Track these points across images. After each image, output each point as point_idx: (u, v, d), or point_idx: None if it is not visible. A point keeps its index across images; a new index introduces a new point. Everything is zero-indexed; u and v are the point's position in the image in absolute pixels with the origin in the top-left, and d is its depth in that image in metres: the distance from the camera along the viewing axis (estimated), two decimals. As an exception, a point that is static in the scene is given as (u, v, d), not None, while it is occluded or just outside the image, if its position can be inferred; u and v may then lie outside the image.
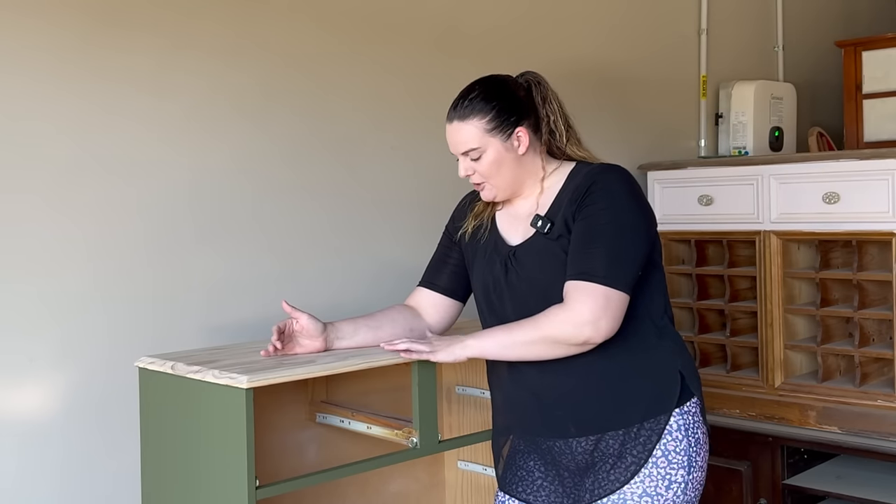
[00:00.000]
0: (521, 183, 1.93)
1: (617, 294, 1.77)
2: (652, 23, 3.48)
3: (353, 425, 2.17)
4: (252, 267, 2.42)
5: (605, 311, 1.76)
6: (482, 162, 1.89)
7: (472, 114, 1.88)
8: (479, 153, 1.89)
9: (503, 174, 1.90)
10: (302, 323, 1.97)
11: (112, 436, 2.17)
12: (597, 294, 1.76)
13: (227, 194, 2.38)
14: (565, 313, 1.78)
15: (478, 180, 1.92)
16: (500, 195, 1.94)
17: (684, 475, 1.83)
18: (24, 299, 2.07)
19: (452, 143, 1.91)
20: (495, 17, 2.95)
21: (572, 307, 1.77)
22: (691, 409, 1.87)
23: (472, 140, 1.88)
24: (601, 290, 1.76)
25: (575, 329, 1.76)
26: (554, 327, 1.79)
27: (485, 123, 1.87)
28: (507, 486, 1.98)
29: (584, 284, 1.77)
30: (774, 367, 2.96)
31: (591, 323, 1.76)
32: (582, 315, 1.76)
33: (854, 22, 4.45)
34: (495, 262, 1.94)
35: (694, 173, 3.14)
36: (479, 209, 2.02)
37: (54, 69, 2.11)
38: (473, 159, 1.89)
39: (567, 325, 1.77)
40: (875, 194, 2.73)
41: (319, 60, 2.55)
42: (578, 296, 1.77)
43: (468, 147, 1.89)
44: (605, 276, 1.76)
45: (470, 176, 1.92)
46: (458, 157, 1.92)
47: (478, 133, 1.87)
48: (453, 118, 1.90)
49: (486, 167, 1.89)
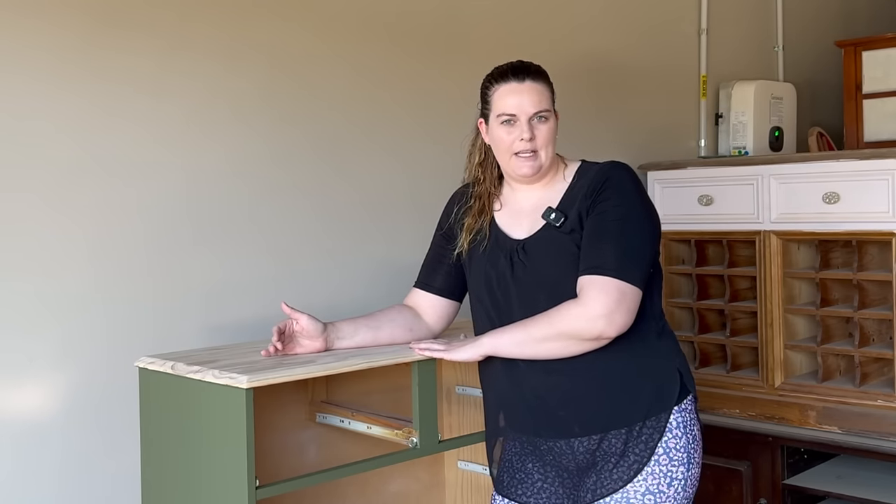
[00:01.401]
0: (550, 165, 1.93)
1: (630, 288, 1.78)
2: (652, 22, 3.48)
3: (353, 425, 2.17)
4: (251, 267, 2.42)
5: (618, 305, 1.76)
6: (544, 127, 1.90)
7: (544, 80, 1.92)
8: (548, 115, 1.90)
9: (551, 147, 1.92)
10: (302, 324, 1.97)
11: (112, 436, 2.17)
12: (610, 288, 1.76)
13: (225, 196, 2.38)
14: (579, 308, 1.78)
15: (533, 147, 1.89)
16: (542, 168, 1.92)
17: (684, 472, 1.84)
18: (25, 299, 2.07)
19: (528, 102, 1.89)
20: (492, 17, 2.95)
21: (585, 302, 1.77)
22: (688, 406, 1.88)
23: (546, 101, 1.91)
24: (614, 283, 1.77)
25: (589, 323, 1.77)
26: (568, 322, 1.79)
27: (551, 93, 1.92)
28: (504, 490, 1.97)
29: (597, 279, 1.78)
30: (774, 367, 2.96)
31: (605, 316, 1.76)
32: (595, 309, 1.76)
33: (854, 22, 4.45)
34: (499, 256, 1.93)
35: (694, 173, 3.14)
36: (470, 224, 2.00)
37: (54, 69, 2.11)
38: (543, 118, 1.89)
39: (581, 320, 1.77)
40: (875, 194, 2.73)
41: (316, 63, 2.55)
42: (591, 290, 1.77)
43: (544, 107, 1.90)
44: (617, 270, 1.77)
45: (530, 140, 1.88)
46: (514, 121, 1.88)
47: (550, 96, 1.92)
48: (525, 78, 1.90)
49: (546, 133, 1.90)
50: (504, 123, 1.90)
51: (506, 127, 1.90)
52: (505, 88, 1.90)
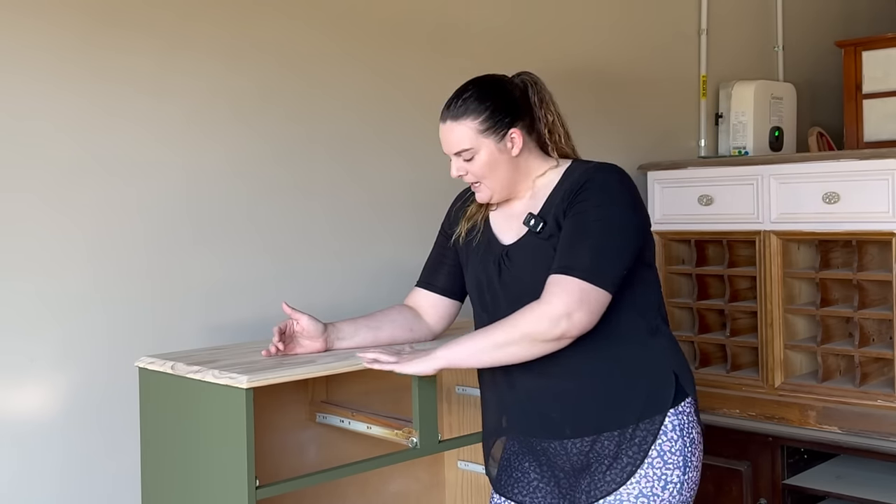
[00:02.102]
0: (515, 184, 1.91)
1: (595, 290, 1.75)
2: (652, 23, 3.48)
3: (353, 425, 2.17)
4: (251, 267, 2.42)
5: (579, 304, 1.73)
6: (475, 163, 1.87)
7: (465, 114, 1.86)
8: (471, 154, 1.87)
9: (497, 175, 1.88)
10: (302, 324, 1.97)
11: (112, 436, 2.17)
12: (572, 288, 1.74)
13: (226, 195, 2.38)
14: (540, 308, 1.75)
15: (471, 180, 1.91)
16: (496, 196, 1.92)
17: (680, 475, 1.82)
18: (25, 299, 2.07)
19: (445, 143, 1.89)
20: (494, 17, 2.95)
21: (547, 300, 1.75)
22: (686, 408, 1.86)
23: (465, 140, 1.86)
24: (577, 283, 1.74)
25: (550, 323, 1.74)
26: (528, 324, 1.76)
27: (478, 124, 1.85)
28: (502, 489, 1.97)
29: (561, 278, 1.75)
30: (774, 367, 2.96)
31: (566, 316, 1.73)
32: (556, 308, 1.73)
33: (854, 22, 4.46)
34: (488, 261, 1.93)
35: (694, 173, 3.14)
36: (471, 212, 2.00)
37: (54, 69, 2.11)
38: (466, 160, 1.88)
39: (543, 320, 1.74)
40: (875, 194, 2.73)
41: (317, 62, 2.55)
42: (553, 289, 1.75)
43: (461, 147, 1.87)
44: (585, 271, 1.74)
45: (463, 176, 1.90)
46: (451, 158, 1.91)
47: (471, 133, 1.86)
48: (446, 118, 1.88)
49: (479, 168, 1.88)
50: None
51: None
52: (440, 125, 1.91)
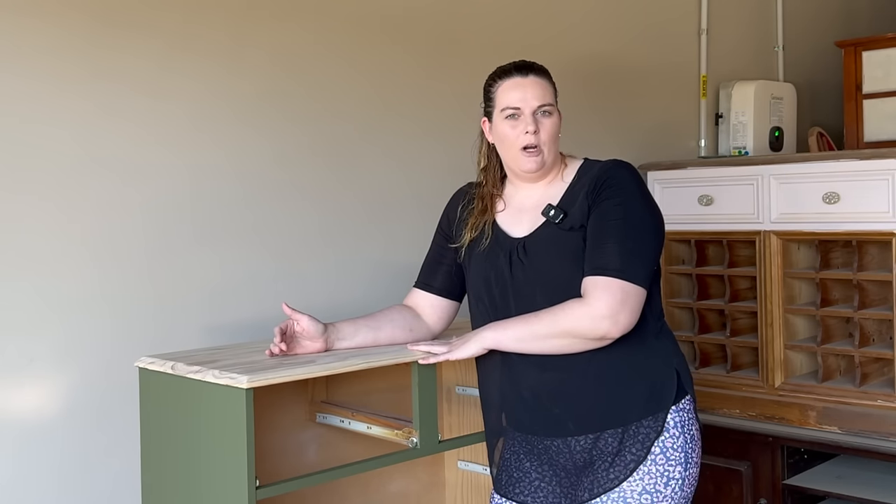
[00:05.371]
0: (553, 162, 1.94)
1: (634, 288, 1.78)
2: (652, 22, 3.48)
3: (353, 425, 2.17)
4: (251, 268, 2.42)
5: (623, 306, 1.77)
6: (548, 122, 1.91)
7: (548, 77, 1.94)
8: (551, 110, 1.92)
9: (555, 144, 1.94)
10: (303, 325, 1.97)
11: (112, 436, 2.18)
12: (613, 288, 1.77)
13: (225, 195, 2.38)
14: (583, 308, 1.79)
15: (536, 142, 1.91)
16: (546, 164, 1.93)
17: (681, 471, 1.84)
18: (25, 299, 2.07)
19: (529, 97, 1.91)
20: (492, 19, 2.95)
21: (590, 302, 1.78)
22: (686, 406, 1.88)
23: (550, 96, 1.93)
24: (617, 283, 1.77)
25: (593, 323, 1.78)
26: (572, 321, 1.79)
27: (554, 90, 1.95)
28: (502, 489, 1.97)
29: (601, 279, 1.78)
30: (774, 367, 2.96)
31: (610, 317, 1.77)
32: (600, 310, 1.77)
33: (854, 22, 4.46)
34: (498, 255, 1.93)
35: (694, 173, 3.14)
36: (474, 220, 2.00)
37: (55, 69, 2.11)
38: (546, 114, 1.91)
39: (585, 320, 1.78)
40: (875, 194, 2.72)
41: (316, 63, 2.55)
42: (595, 291, 1.78)
43: (547, 101, 1.92)
44: (620, 270, 1.78)
45: (535, 133, 1.90)
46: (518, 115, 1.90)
47: (552, 93, 1.94)
48: (529, 73, 1.93)
49: (550, 127, 1.92)
50: (508, 118, 1.92)
51: (510, 122, 1.92)
52: (509, 83, 1.92)
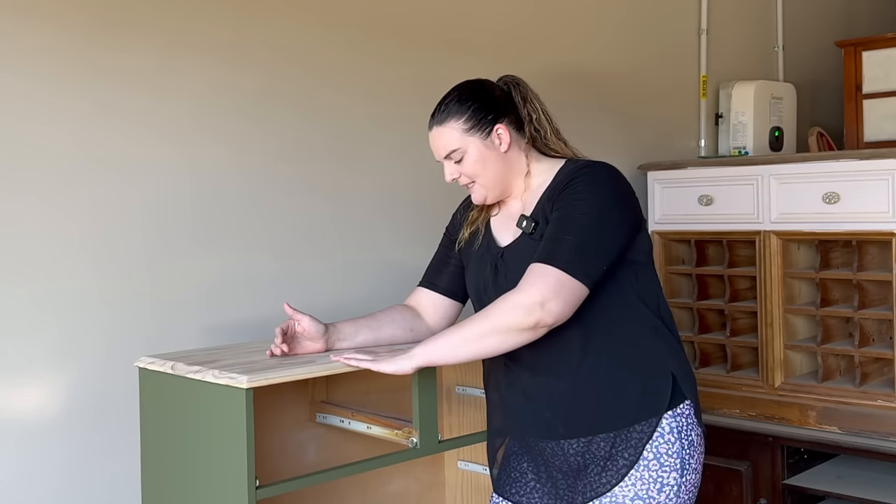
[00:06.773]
0: (508, 182, 1.92)
1: (571, 281, 1.74)
2: (652, 23, 3.48)
3: (353, 425, 2.17)
4: (252, 267, 2.42)
5: (555, 294, 1.72)
6: (465, 163, 1.89)
7: (448, 117, 1.89)
8: (460, 154, 1.89)
9: (488, 173, 1.90)
10: (304, 325, 1.97)
11: (112, 436, 2.17)
12: (548, 276, 1.73)
13: (226, 194, 2.38)
14: (514, 297, 1.75)
15: (465, 181, 1.92)
16: (490, 195, 1.92)
17: (677, 478, 1.81)
18: (24, 299, 2.07)
19: (435, 149, 1.93)
20: (497, 17, 2.95)
21: (522, 289, 1.75)
22: (685, 411, 1.84)
23: (452, 142, 1.89)
24: (554, 272, 1.73)
25: (524, 311, 1.73)
26: (502, 315, 1.75)
27: (461, 124, 1.88)
28: (501, 489, 1.97)
29: (539, 266, 1.75)
30: (774, 367, 2.96)
31: (540, 304, 1.72)
32: (531, 297, 1.73)
33: (854, 22, 4.46)
34: (486, 263, 1.94)
35: (694, 173, 3.14)
36: (473, 217, 2.01)
37: (55, 69, 2.11)
38: (456, 161, 1.90)
39: (517, 310, 1.74)
40: (875, 194, 2.73)
41: (319, 60, 2.55)
42: (530, 278, 1.75)
43: (449, 149, 1.90)
44: (564, 262, 1.74)
45: (457, 179, 1.92)
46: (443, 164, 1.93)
47: (456, 134, 1.89)
48: (432, 125, 1.92)
49: (469, 167, 1.89)
50: None
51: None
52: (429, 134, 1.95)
